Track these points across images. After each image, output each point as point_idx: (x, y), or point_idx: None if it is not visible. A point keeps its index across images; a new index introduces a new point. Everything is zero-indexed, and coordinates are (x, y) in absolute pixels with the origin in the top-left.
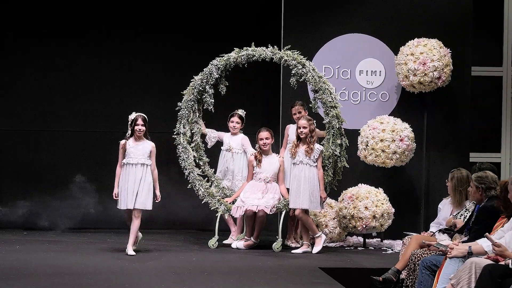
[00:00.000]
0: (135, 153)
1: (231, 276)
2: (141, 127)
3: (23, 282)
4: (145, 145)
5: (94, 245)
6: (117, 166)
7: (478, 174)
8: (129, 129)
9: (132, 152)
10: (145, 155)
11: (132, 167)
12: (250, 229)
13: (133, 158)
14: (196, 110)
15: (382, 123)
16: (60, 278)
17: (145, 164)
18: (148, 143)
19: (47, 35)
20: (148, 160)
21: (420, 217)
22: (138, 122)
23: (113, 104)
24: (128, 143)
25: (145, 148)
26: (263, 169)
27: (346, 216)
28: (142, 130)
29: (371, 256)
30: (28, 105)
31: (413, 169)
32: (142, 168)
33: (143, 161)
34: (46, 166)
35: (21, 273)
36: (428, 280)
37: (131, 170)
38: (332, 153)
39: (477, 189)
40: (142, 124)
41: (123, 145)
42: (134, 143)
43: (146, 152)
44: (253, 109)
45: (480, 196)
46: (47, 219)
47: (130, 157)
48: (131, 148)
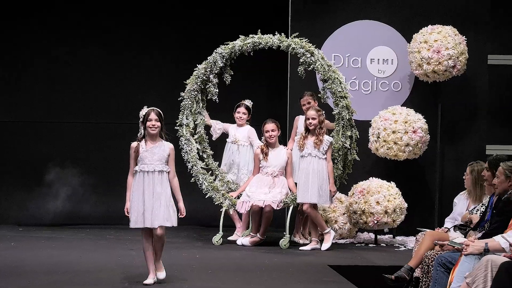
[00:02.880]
0: (150, 158)
1: (236, 274)
2: (155, 123)
3: (18, 281)
4: (162, 147)
5: (93, 241)
6: (128, 175)
7: (509, 163)
8: (140, 127)
9: (146, 157)
10: (162, 160)
11: (147, 175)
12: (256, 225)
13: (148, 165)
14: (199, 100)
15: (395, 114)
16: (58, 276)
17: (162, 171)
18: (165, 145)
19: (49, 26)
20: (166, 166)
21: (434, 212)
22: (151, 117)
23: (115, 94)
24: (141, 145)
25: (162, 151)
26: (270, 163)
27: (357, 212)
28: (157, 126)
29: (382, 253)
30: (30, 97)
31: (427, 162)
32: (160, 176)
33: (160, 167)
34: (45, 159)
35: (17, 271)
36: (443, 278)
37: (146, 179)
38: (342, 145)
39: (507, 178)
40: (157, 119)
41: (135, 149)
42: (148, 145)
43: (163, 156)
44: (259, 99)
45: (509, 186)
46: (44, 214)
47: (144, 163)
48: (145, 152)
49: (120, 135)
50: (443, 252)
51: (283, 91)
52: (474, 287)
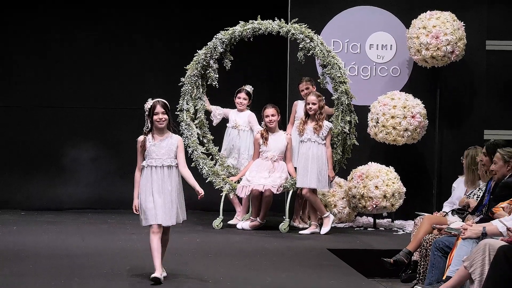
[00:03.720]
0: (158, 152)
1: (236, 258)
2: (162, 116)
3: (21, 265)
4: (170, 140)
5: (94, 226)
6: (136, 170)
7: (507, 149)
8: (146, 121)
9: (154, 151)
10: (170, 153)
11: (155, 170)
12: (256, 209)
13: (156, 159)
14: (200, 85)
15: (393, 99)
16: (60, 260)
17: (171, 166)
18: (173, 138)
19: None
20: (175, 161)
21: (433, 197)
22: (158, 110)
23: (115, 80)
24: (148, 139)
25: (171, 144)
26: (269, 147)
27: (356, 196)
28: (164, 119)
29: (381, 237)
30: (26, 82)
31: (425, 147)
32: (169, 171)
33: (169, 162)
34: (45, 145)
35: (19, 255)
36: (441, 262)
37: (154, 175)
38: (341, 130)
39: (505, 163)
40: (163, 111)
41: (141, 143)
42: (155, 139)
43: (171, 149)
44: (259, 85)
45: (508, 171)
46: (46, 199)
47: (151, 157)
48: (152, 146)
49: (119, 121)
50: (441, 237)
51: (283, 76)
52: (471, 270)
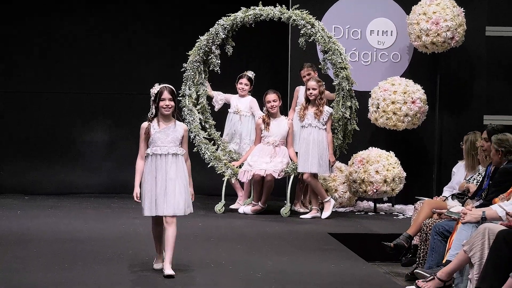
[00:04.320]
0: (163, 140)
1: (238, 242)
2: (169, 102)
3: (24, 249)
4: (176, 128)
5: (97, 210)
6: (138, 158)
7: (498, 137)
8: (152, 106)
9: (159, 139)
10: (176, 141)
11: (159, 158)
12: (257, 194)
13: (161, 147)
14: (202, 71)
15: (394, 85)
16: (63, 244)
17: (176, 154)
18: (179, 125)
19: None
20: (181, 149)
21: (433, 182)
22: (164, 96)
23: (117, 65)
24: (153, 126)
25: (176, 132)
26: (271, 133)
27: (356, 181)
28: (171, 106)
29: (382, 221)
30: (30, 67)
31: (426, 132)
32: (174, 159)
33: (174, 150)
34: (48, 130)
35: (23, 239)
36: (440, 246)
37: (159, 163)
38: (342, 115)
39: (497, 152)
40: (170, 98)
41: (145, 130)
42: (160, 126)
43: (177, 137)
44: (260, 70)
45: (500, 159)
46: (49, 183)
47: (156, 145)
48: (157, 134)
49: (122, 106)
50: (441, 221)
51: (284, 62)
52: (471, 254)
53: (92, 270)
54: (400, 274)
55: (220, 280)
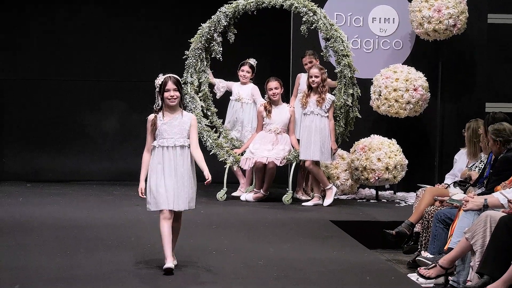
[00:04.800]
0: (170, 132)
1: (240, 229)
2: (174, 93)
3: (26, 236)
4: (183, 118)
5: (99, 198)
6: (144, 151)
7: (494, 127)
8: (157, 98)
9: (165, 131)
10: (183, 133)
11: (166, 151)
12: (259, 181)
13: (167, 139)
14: (203, 58)
15: (396, 72)
16: (65, 231)
17: (184, 146)
18: (186, 116)
19: None
20: (188, 140)
21: (435, 169)
22: (169, 87)
23: (118, 53)
24: (159, 118)
25: (183, 123)
26: (273, 120)
27: (358, 168)
28: (176, 97)
29: (383, 209)
30: (33, 54)
31: (428, 119)
32: (181, 151)
33: (181, 142)
34: (50, 117)
35: (25, 227)
36: (442, 234)
37: (166, 156)
38: (344, 103)
39: (495, 142)
40: (175, 88)
41: (152, 121)
42: (166, 117)
43: (184, 128)
44: (262, 58)
45: (499, 149)
46: (51, 171)
47: (163, 137)
48: (163, 125)
49: (124, 94)
50: (442, 208)
51: (286, 49)
52: (473, 242)
53: (94, 257)
54: (402, 261)
55: (222, 267)
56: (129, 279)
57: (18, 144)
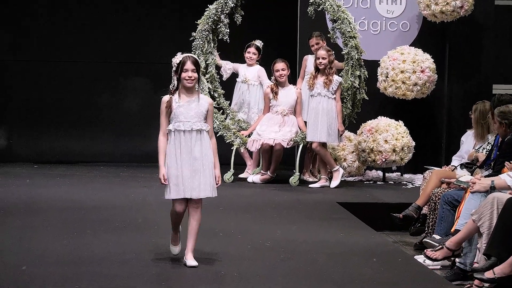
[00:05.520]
0: (186, 115)
1: (246, 211)
2: (192, 74)
3: (33, 217)
4: (200, 101)
5: (106, 179)
6: (160, 135)
7: (500, 109)
8: (173, 78)
9: (181, 113)
10: (200, 116)
11: (183, 135)
12: (266, 163)
13: (184, 123)
14: (210, 40)
15: (403, 54)
16: (72, 213)
17: (201, 130)
18: (203, 99)
19: None
20: (205, 124)
21: (442, 151)
22: (187, 67)
23: (124, 35)
24: (174, 99)
25: (200, 106)
26: (279, 102)
27: (365, 150)
28: (194, 78)
29: (390, 190)
30: (39, 36)
31: (435, 101)
32: (198, 136)
33: (198, 126)
34: (57, 98)
35: (31, 208)
36: (449, 216)
37: (182, 141)
38: (351, 84)
39: (501, 124)
40: (194, 69)
41: (167, 103)
42: (183, 99)
43: (201, 111)
44: (269, 39)
45: (505, 131)
46: (58, 152)
47: (179, 120)
48: (179, 108)
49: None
50: (449, 190)
51: (293, 31)
52: (480, 224)
53: (101, 239)
54: (408, 243)
55: (228, 249)
56: (135, 261)
57: (25, 125)
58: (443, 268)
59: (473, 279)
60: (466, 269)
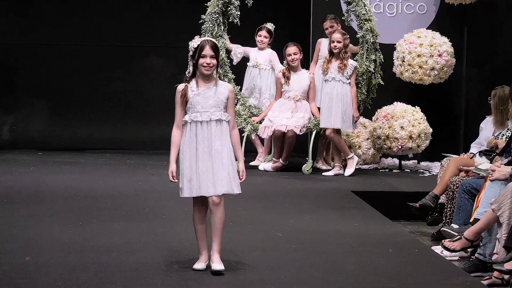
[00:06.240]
0: (204, 104)
1: (257, 200)
2: (211, 61)
3: (38, 206)
4: (219, 88)
5: (113, 167)
6: (173, 127)
7: None
8: (189, 63)
9: (198, 103)
10: (220, 105)
11: (200, 126)
12: (278, 150)
13: (201, 113)
14: (220, 23)
15: (420, 37)
16: (77, 201)
17: (221, 120)
18: (222, 86)
19: None
20: (225, 114)
21: (460, 138)
22: (206, 53)
23: (132, 16)
24: (190, 87)
25: (219, 93)
26: (292, 87)
27: (381, 137)
28: (212, 65)
29: (407, 179)
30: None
31: (452, 86)
32: (218, 127)
33: (218, 115)
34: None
35: (36, 196)
36: (468, 205)
37: (200, 132)
38: (366, 69)
39: None
40: (213, 55)
41: (182, 92)
42: (200, 87)
43: (221, 100)
44: (281, 22)
45: None
46: (63, 139)
47: (196, 110)
48: (196, 97)
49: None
50: (468, 179)
51: (306, 13)
52: (499, 213)
53: (107, 228)
54: (425, 233)
55: (239, 240)
56: (143, 251)
57: (29, 111)
58: (462, 259)
59: (493, 270)
60: (485, 260)
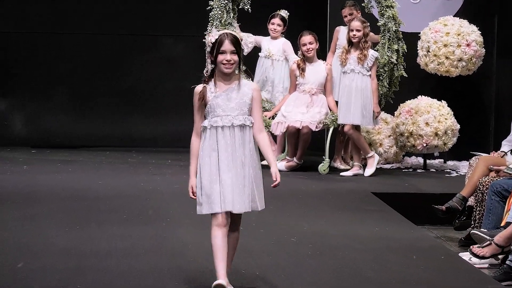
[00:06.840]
0: (225, 107)
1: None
2: (231, 57)
3: (32, 208)
4: (242, 88)
5: (113, 165)
6: (193, 135)
7: None
8: (207, 61)
9: (218, 106)
10: (243, 108)
11: (221, 132)
12: (292, 148)
13: (222, 117)
14: (230, 10)
15: (446, 26)
16: (74, 203)
17: (244, 125)
18: (245, 85)
19: None
20: (250, 118)
21: (490, 135)
22: (225, 48)
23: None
24: (209, 89)
25: (243, 94)
26: (307, 79)
27: (404, 134)
28: (233, 62)
29: (432, 179)
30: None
31: (482, 78)
32: (241, 133)
33: (241, 120)
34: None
35: (29, 197)
36: (498, 208)
37: (221, 139)
38: (388, 60)
39: None
40: (233, 50)
41: (200, 94)
42: (220, 87)
43: (244, 102)
44: (296, 9)
45: None
46: (59, 135)
47: (216, 114)
48: (216, 99)
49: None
50: (498, 179)
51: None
52: None
53: (107, 232)
54: (452, 239)
55: (250, 245)
56: (145, 257)
57: (23, 105)
58: (492, 266)
59: None
60: None
